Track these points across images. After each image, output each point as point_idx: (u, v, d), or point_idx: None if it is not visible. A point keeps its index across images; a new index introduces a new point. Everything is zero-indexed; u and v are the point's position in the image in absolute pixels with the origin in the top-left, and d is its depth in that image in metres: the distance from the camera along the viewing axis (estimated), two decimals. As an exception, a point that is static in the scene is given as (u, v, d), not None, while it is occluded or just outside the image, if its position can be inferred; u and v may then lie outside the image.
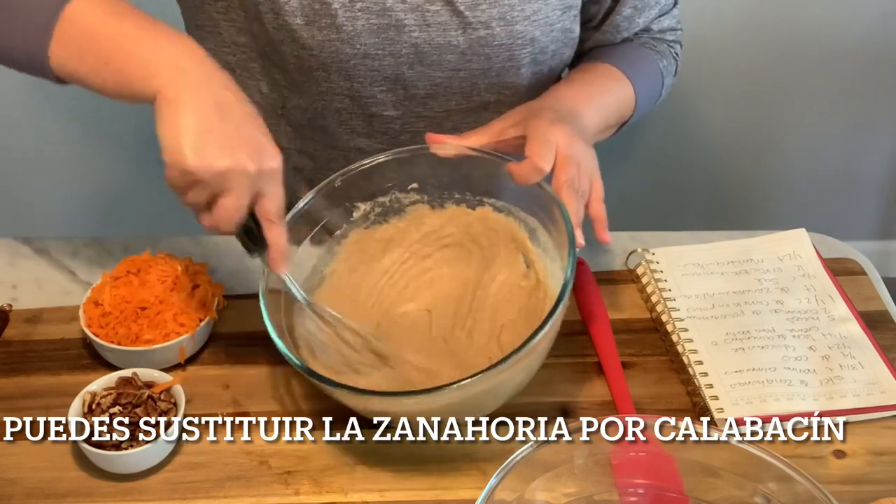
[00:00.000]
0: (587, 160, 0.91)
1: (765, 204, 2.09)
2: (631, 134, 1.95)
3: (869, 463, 0.88)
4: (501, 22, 1.02)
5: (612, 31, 1.12)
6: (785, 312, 1.00)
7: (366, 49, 1.01)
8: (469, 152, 0.93)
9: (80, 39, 0.83)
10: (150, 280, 0.97)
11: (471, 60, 1.04)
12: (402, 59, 1.03)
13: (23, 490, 0.85)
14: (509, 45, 1.03)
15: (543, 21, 1.03)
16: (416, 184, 0.98)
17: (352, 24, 1.00)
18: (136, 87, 0.81)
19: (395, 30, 1.01)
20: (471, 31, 1.02)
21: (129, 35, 0.82)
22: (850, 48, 1.86)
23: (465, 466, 0.87)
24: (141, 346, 0.93)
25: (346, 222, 0.99)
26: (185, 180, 0.80)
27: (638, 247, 1.09)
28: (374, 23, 1.00)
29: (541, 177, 0.88)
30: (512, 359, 0.79)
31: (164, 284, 0.97)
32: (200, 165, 0.78)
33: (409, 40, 1.02)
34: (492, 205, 0.98)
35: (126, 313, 0.95)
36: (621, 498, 0.81)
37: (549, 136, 0.89)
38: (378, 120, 1.08)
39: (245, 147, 0.80)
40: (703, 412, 0.91)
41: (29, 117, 1.86)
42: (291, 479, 0.86)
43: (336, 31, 1.00)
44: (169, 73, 0.80)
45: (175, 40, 0.83)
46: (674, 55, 1.17)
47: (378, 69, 1.03)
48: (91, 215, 2.01)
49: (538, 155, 0.88)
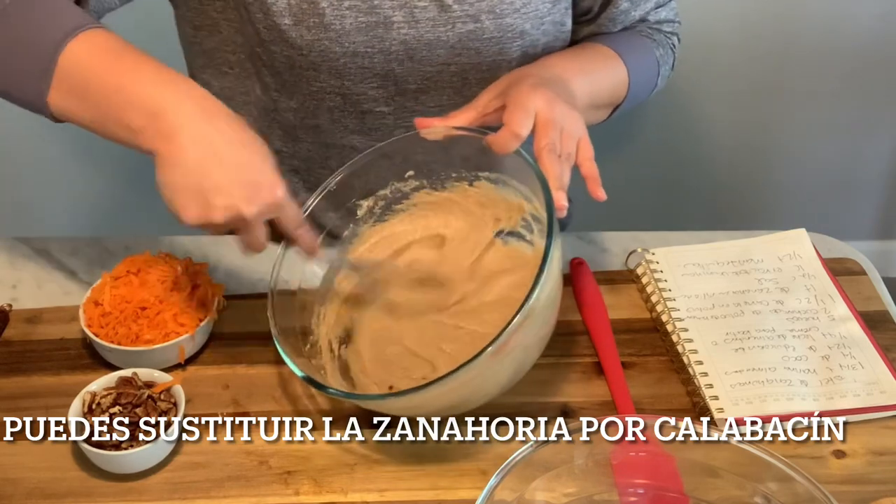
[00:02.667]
0: (571, 123, 0.90)
1: (765, 204, 2.09)
2: (631, 133, 1.96)
3: (869, 463, 0.88)
4: (490, 15, 1.02)
5: (609, 24, 1.12)
6: (785, 312, 1.00)
7: (355, 47, 1.02)
8: (456, 132, 0.93)
9: (76, 90, 0.84)
10: (150, 280, 0.97)
11: (461, 55, 1.04)
12: (391, 56, 1.03)
13: (23, 490, 0.85)
14: (499, 39, 1.03)
15: (533, 14, 1.03)
16: (412, 171, 0.99)
17: (340, 22, 1.00)
18: (133, 146, 0.83)
19: (383, 27, 1.01)
20: (460, 26, 1.02)
21: (124, 87, 0.82)
22: (850, 48, 1.87)
23: (465, 466, 0.87)
24: (141, 346, 0.93)
25: (352, 222, 0.99)
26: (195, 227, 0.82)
27: (638, 247, 1.09)
28: (362, 21, 1.00)
29: (518, 143, 0.88)
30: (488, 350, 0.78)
31: (164, 284, 0.97)
32: (199, 220, 0.81)
33: (398, 37, 1.02)
34: (487, 178, 0.97)
35: (126, 313, 0.95)
36: (621, 498, 0.81)
37: (528, 102, 0.88)
38: (371, 116, 1.08)
39: (242, 191, 0.81)
40: (703, 412, 0.91)
41: (29, 117, 1.86)
42: (291, 479, 0.86)
43: (324, 30, 1.00)
44: (158, 132, 0.81)
45: (169, 85, 0.83)
46: (671, 46, 1.17)
47: (368, 66, 1.04)
48: (91, 215, 2.01)
49: (515, 121, 0.87)
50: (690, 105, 1.92)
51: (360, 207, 1.00)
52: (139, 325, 0.94)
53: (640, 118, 1.92)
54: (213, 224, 0.82)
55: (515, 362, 0.85)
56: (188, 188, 0.80)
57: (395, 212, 1.01)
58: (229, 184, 0.81)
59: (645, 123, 1.93)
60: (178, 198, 0.81)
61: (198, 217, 0.81)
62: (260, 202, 0.82)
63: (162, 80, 0.83)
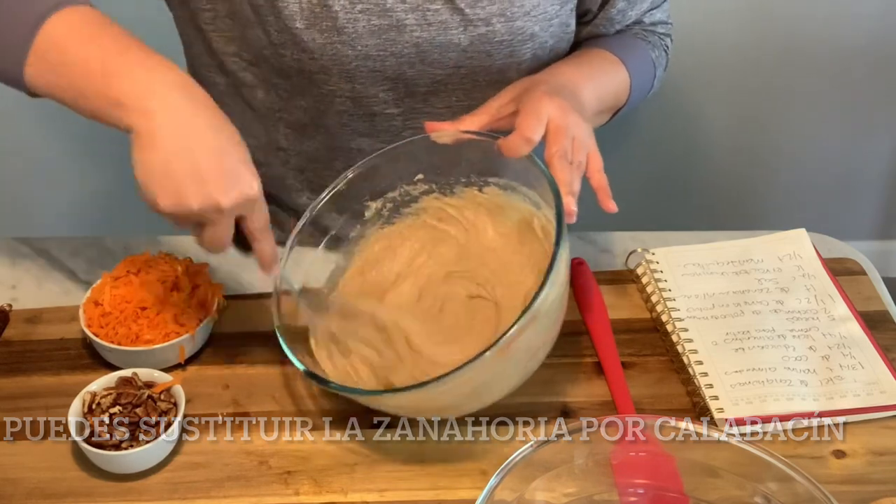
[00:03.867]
0: (582, 133, 0.90)
1: (765, 204, 2.09)
2: (631, 133, 1.96)
3: (869, 463, 0.88)
4: (502, 18, 1.02)
5: (606, 24, 1.12)
6: (785, 312, 1.01)
7: (367, 50, 1.02)
8: (466, 136, 0.93)
9: (54, 64, 0.82)
10: (151, 280, 0.97)
11: (472, 57, 1.04)
12: (403, 59, 1.03)
13: (23, 490, 0.85)
14: (510, 42, 1.03)
15: (543, 16, 1.04)
16: (421, 174, 0.99)
17: (353, 25, 1.00)
18: (110, 119, 0.80)
19: (395, 30, 1.01)
20: (472, 29, 1.02)
21: (105, 62, 0.80)
22: (850, 48, 1.87)
23: (465, 466, 0.87)
24: (141, 346, 0.93)
25: (359, 223, 0.99)
26: (164, 215, 0.80)
27: (638, 247, 1.09)
28: (374, 24, 1.00)
29: (530, 148, 0.88)
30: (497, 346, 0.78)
31: (164, 284, 0.97)
32: (171, 207, 0.78)
33: (411, 40, 1.02)
34: (496, 184, 0.97)
35: (126, 313, 0.95)
36: (621, 498, 0.81)
37: (541, 108, 0.88)
38: (380, 119, 1.08)
39: (219, 181, 0.79)
40: (703, 412, 0.91)
41: (29, 117, 1.86)
42: (291, 479, 0.86)
43: (337, 33, 1.00)
44: (140, 108, 0.78)
45: (151, 66, 0.81)
46: (664, 48, 1.17)
47: (380, 70, 1.03)
48: (91, 215, 2.01)
49: (527, 126, 0.87)
50: (690, 105, 1.92)
51: (368, 209, 1.00)
52: (139, 325, 0.94)
53: (640, 118, 1.92)
54: (186, 212, 0.79)
55: (520, 364, 0.85)
56: (165, 172, 0.78)
57: (403, 215, 1.01)
58: (207, 171, 0.78)
59: (645, 123, 1.93)
60: (153, 181, 0.78)
61: (172, 204, 0.78)
62: (238, 194, 0.80)
63: (147, 59, 0.81)
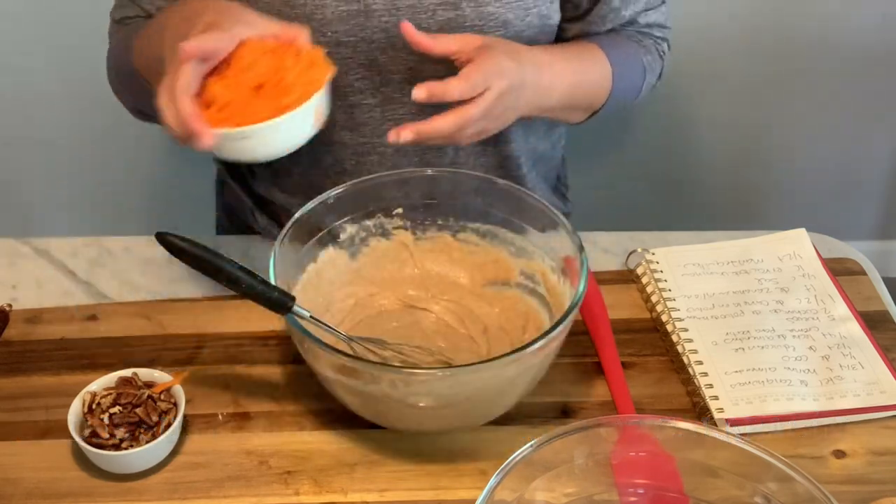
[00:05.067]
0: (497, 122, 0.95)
1: (765, 204, 2.09)
2: (631, 133, 1.96)
3: (869, 463, 0.88)
4: (471, 3, 1.02)
5: (598, 22, 1.12)
6: (785, 312, 1.01)
7: (338, 37, 1.02)
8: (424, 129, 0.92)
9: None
10: (246, 57, 0.85)
11: None
12: (374, 45, 1.03)
13: (23, 490, 0.85)
14: (481, 27, 1.03)
15: (518, 4, 1.03)
16: (400, 209, 1.00)
17: (321, 12, 1.00)
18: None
19: (364, 15, 1.01)
20: (440, 13, 1.02)
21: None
22: (850, 48, 1.86)
23: (465, 466, 0.87)
24: (279, 116, 0.83)
25: (331, 244, 0.99)
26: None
27: (638, 247, 1.09)
28: (342, 9, 1.01)
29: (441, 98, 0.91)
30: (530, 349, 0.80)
31: (266, 56, 0.86)
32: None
33: (380, 24, 1.02)
34: (475, 230, 0.99)
35: (244, 96, 0.84)
36: (621, 498, 0.81)
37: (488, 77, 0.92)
38: (358, 110, 1.08)
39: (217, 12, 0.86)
40: (703, 412, 0.91)
41: (29, 118, 1.86)
42: (291, 479, 0.86)
43: (306, 20, 1.00)
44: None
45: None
46: (660, 53, 1.16)
47: (352, 56, 1.04)
48: (91, 215, 2.01)
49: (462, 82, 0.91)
50: (690, 105, 1.92)
51: (343, 231, 0.99)
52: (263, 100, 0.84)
53: (640, 118, 1.92)
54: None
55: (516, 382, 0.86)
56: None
57: (369, 247, 1.01)
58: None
59: (645, 123, 1.93)
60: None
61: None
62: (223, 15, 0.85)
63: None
